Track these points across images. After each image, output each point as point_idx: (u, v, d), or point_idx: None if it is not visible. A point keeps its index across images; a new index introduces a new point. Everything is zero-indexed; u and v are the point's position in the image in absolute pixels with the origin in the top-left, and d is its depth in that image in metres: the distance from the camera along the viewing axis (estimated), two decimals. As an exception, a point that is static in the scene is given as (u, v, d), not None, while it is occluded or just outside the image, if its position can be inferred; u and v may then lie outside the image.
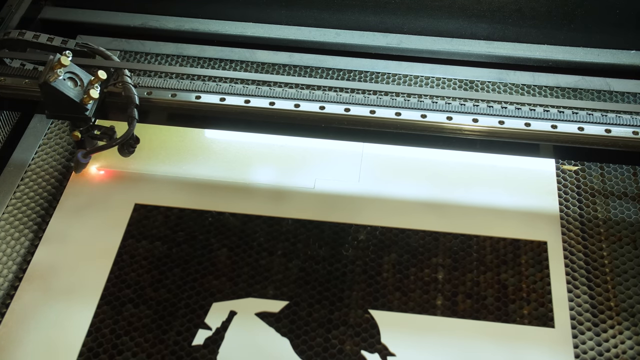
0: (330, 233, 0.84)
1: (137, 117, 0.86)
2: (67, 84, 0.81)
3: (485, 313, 0.77)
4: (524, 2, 1.06)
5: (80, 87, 0.83)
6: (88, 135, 0.86)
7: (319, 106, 0.87)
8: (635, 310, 0.77)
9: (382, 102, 0.87)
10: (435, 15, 1.06)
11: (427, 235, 0.84)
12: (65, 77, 0.81)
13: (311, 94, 0.89)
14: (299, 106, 0.87)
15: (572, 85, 1.01)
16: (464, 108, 0.87)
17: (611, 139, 0.84)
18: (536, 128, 0.85)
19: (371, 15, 1.07)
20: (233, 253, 0.82)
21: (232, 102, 0.87)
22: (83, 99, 0.82)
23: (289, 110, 0.87)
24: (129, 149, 0.88)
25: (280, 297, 0.79)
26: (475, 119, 0.87)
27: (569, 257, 0.82)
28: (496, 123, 0.86)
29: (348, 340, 0.75)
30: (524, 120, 0.86)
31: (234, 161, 0.92)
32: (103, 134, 0.86)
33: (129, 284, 0.80)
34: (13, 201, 0.88)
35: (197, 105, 0.87)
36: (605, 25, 1.04)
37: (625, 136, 0.85)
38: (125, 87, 0.87)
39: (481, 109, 0.87)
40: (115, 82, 0.87)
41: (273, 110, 0.86)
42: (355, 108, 0.86)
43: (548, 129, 0.85)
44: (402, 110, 0.86)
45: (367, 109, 0.86)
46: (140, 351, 0.74)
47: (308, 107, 0.87)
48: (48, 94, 0.81)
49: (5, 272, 0.81)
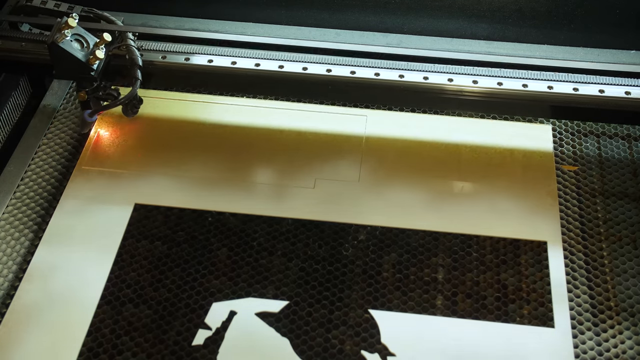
0: (330, 233, 0.84)
1: (140, 77, 0.91)
2: (74, 45, 0.87)
3: (485, 313, 0.77)
4: (524, 2, 1.06)
5: (87, 48, 0.88)
6: (94, 96, 0.91)
7: (326, 69, 0.94)
8: (635, 310, 0.77)
9: (385, 64, 0.95)
10: (435, 15, 1.06)
11: (427, 235, 0.84)
12: (72, 39, 0.87)
13: (319, 57, 0.96)
14: (306, 69, 0.94)
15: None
16: (464, 70, 0.94)
17: (604, 98, 0.91)
18: (533, 89, 0.92)
19: (371, 15, 1.07)
20: (233, 253, 0.82)
21: (243, 66, 0.95)
22: (89, 59, 0.87)
23: (297, 73, 0.94)
24: (133, 109, 0.95)
25: (280, 297, 0.79)
26: (475, 80, 0.93)
27: (569, 257, 0.82)
28: (495, 84, 0.93)
29: (348, 340, 0.75)
30: (521, 82, 0.93)
31: (234, 161, 0.92)
32: (108, 94, 0.92)
33: (129, 284, 0.80)
34: (13, 201, 0.88)
35: (210, 69, 0.95)
36: (605, 25, 1.04)
37: (618, 96, 0.91)
38: (129, 49, 0.92)
39: (480, 71, 0.95)
40: (120, 45, 0.93)
41: (282, 73, 0.94)
42: (361, 70, 0.94)
43: (544, 90, 0.92)
44: (405, 73, 0.93)
45: (372, 71, 0.94)
46: (140, 351, 0.74)
47: (316, 70, 0.94)
48: (56, 54, 0.86)
49: (6, 272, 0.81)
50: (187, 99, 1.00)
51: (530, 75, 0.94)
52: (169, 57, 0.95)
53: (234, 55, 0.96)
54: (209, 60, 0.95)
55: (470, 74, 0.94)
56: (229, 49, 0.96)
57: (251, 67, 0.94)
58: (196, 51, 0.97)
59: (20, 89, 1.05)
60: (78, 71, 0.88)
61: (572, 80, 0.93)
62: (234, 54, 0.96)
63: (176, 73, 0.96)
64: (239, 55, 0.96)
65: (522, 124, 0.97)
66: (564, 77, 0.93)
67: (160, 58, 0.95)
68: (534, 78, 0.93)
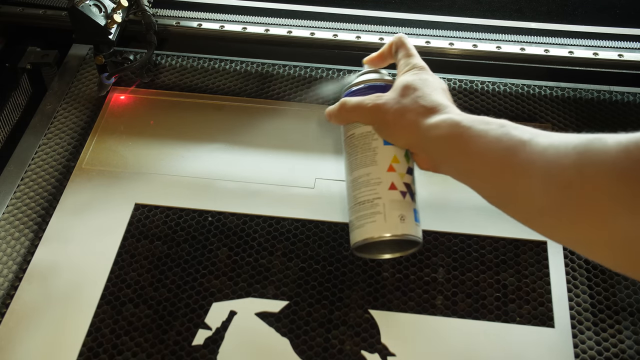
0: (330, 233, 0.84)
1: (155, 42, 0.98)
2: (93, 9, 0.92)
3: (485, 313, 0.77)
4: (524, 2, 1.06)
5: (104, 12, 0.94)
6: (110, 60, 0.97)
7: (333, 34, 1.04)
8: (635, 310, 0.77)
9: (389, 30, 1.04)
10: (435, 15, 1.06)
11: (427, 235, 0.84)
12: (91, 3, 0.92)
13: (326, 23, 1.06)
14: (314, 34, 1.04)
15: (572, 87, 1.01)
16: (464, 34, 1.03)
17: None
18: (530, 52, 1.01)
19: (371, 14, 1.08)
20: (233, 253, 0.82)
21: (253, 30, 1.05)
22: (107, 23, 0.93)
23: (305, 37, 1.03)
24: (148, 72, 1.01)
25: (280, 297, 0.79)
26: (474, 44, 1.02)
27: (569, 257, 0.82)
28: (494, 48, 1.02)
29: (348, 340, 0.75)
30: (519, 45, 1.02)
31: (235, 162, 0.92)
32: (124, 59, 0.98)
33: (129, 284, 0.80)
34: (13, 201, 0.88)
35: (221, 33, 1.05)
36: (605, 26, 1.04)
37: (612, 58, 1.00)
38: (144, 15, 0.99)
39: (480, 36, 1.03)
40: (135, 10, 1.00)
41: (290, 38, 1.04)
42: (365, 36, 1.04)
43: (541, 53, 1.00)
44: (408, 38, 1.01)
45: (377, 36, 1.04)
46: (140, 351, 0.74)
47: (322, 35, 1.04)
48: (75, 18, 0.91)
49: (6, 272, 0.81)
50: (188, 98, 1.00)
51: (528, 39, 1.03)
52: (182, 22, 1.06)
53: (245, 22, 1.06)
54: (220, 26, 1.05)
55: (470, 39, 1.03)
56: (239, 16, 1.07)
57: (261, 32, 1.05)
58: (209, 18, 1.07)
59: (20, 89, 1.05)
60: (97, 35, 0.93)
61: (568, 44, 1.02)
62: (245, 20, 1.06)
63: (189, 38, 1.06)
64: (249, 22, 1.06)
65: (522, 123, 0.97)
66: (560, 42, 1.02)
67: (174, 24, 1.05)
68: (530, 42, 1.03)
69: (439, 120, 0.63)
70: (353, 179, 0.71)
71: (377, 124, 0.69)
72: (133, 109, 0.99)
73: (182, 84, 1.02)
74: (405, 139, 0.67)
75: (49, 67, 1.05)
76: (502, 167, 0.58)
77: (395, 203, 0.67)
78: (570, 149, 0.53)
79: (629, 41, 1.02)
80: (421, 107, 0.65)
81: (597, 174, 0.50)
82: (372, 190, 0.68)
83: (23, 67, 1.04)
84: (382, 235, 0.67)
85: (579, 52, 1.00)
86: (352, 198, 0.70)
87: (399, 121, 0.66)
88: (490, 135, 0.59)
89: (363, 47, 1.03)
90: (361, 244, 0.68)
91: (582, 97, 0.99)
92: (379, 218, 0.67)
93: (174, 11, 1.08)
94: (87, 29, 0.93)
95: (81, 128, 0.97)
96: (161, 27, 1.03)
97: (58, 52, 1.06)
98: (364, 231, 0.68)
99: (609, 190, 0.49)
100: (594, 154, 0.51)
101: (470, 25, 1.04)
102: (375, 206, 0.68)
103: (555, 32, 1.03)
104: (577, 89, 1.00)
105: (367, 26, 1.05)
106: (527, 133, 0.58)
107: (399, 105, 0.66)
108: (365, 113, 0.69)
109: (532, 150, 0.56)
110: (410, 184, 0.70)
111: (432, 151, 0.66)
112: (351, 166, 0.71)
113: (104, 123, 0.97)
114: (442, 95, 0.67)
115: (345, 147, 0.73)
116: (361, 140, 0.70)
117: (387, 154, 0.69)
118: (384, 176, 0.69)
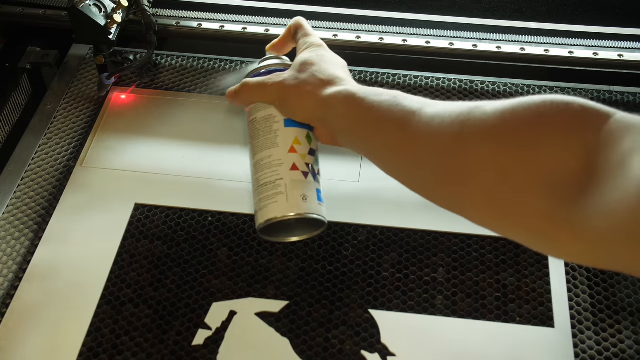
0: (330, 233, 0.84)
1: (155, 42, 0.98)
2: (93, 9, 0.92)
3: (485, 313, 0.77)
4: (524, 2, 1.06)
5: (105, 12, 0.94)
6: (110, 60, 0.97)
7: (333, 34, 1.05)
8: (635, 310, 0.77)
9: (389, 30, 1.05)
10: (435, 15, 1.06)
11: (427, 235, 0.84)
12: (91, 3, 0.92)
13: (325, 24, 1.06)
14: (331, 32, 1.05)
15: (572, 87, 1.01)
16: (464, 34, 1.04)
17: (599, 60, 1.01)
18: (530, 52, 1.01)
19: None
20: (233, 253, 0.82)
21: (253, 30, 1.05)
22: (107, 23, 0.93)
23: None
24: (148, 72, 1.01)
25: (280, 297, 0.79)
26: (474, 44, 1.02)
27: (568, 257, 0.82)
28: (494, 48, 1.02)
29: (348, 340, 0.75)
30: (519, 45, 1.02)
31: (235, 162, 0.92)
32: (124, 59, 0.98)
33: (129, 284, 0.80)
34: (13, 201, 0.88)
35: (221, 33, 1.06)
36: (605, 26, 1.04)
37: (612, 58, 1.00)
38: (144, 15, 0.99)
39: (480, 36, 1.04)
40: (135, 10, 1.00)
41: None
42: (365, 36, 1.05)
43: (541, 53, 1.01)
44: (409, 37, 1.03)
45: (377, 36, 1.04)
46: (140, 351, 0.74)
47: (322, 35, 0.99)
48: (75, 18, 0.91)
49: (6, 272, 0.81)
50: (188, 98, 1.00)
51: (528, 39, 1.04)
52: (182, 22, 1.06)
53: (245, 22, 1.06)
54: (220, 26, 1.05)
55: (470, 39, 1.03)
56: (239, 16, 1.07)
57: (261, 32, 1.04)
58: (208, 18, 1.08)
59: (20, 89, 1.05)
60: (97, 35, 0.93)
61: (568, 44, 1.02)
62: (245, 20, 1.06)
63: (189, 38, 1.07)
64: (249, 22, 1.06)
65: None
66: (560, 42, 1.02)
67: (174, 24, 1.06)
68: (531, 42, 1.03)
69: (335, 92, 0.66)
70: (256, 162, 0.72)
71: (278, 102, 0.71)
72: (133, 108, 0.99)
73: (182, 84, 1.02)
74: (304, 112, 0.70)
75: (49, 67, 1.05)
76: (394, 138, 0.60)
77: (297, 183, 0.69)
78: (454, 118, 0.55)
79: (629, 41, 1.02)
80: (318, 80, 0.67)
81: (477, 141, 0.53)
82: (274, 172, 0.69)
83: (23, 67, 1.05)
84: (286, 215, 0.68)
85: (579, 52, 1.00)
86: (255, 181, 0.72)
87: (298, 95, 0.68)
88: (383, 107, 0.61)
89: (363, 47, 1.03)
90: (264, 225, 0.69)
91: (582, 97, 0.99)
92: (281, 198, 0.68)
93: (174, 11, 1.08)
94: (87, 29, 0.93)
95: (81, 128, 0.97)
96: (161, 27, 1.03)
97: (58, 52, 1.06)
98: (266, 212, 0.69)
99: (486, 156, 0.52)
100: (474, 123, 0.53)
101: (470, 25, 1.05)
102: (277, 187, 0.69)
103: (555, 32, 1.03)
104: (577, 89, 1.00)
105: (367, 26, 1.05)
106: (417, 103, 0.60)
107: (298, 80, 0.69)
108: (266, 91, 0.71)
109: (421, 120, 0.58)
110: (312, 164, 0.71)
111: (330, 123, 0.68)
112: (254, 149, 0.73)
113: (104, 123, 0.97)
114: (339, 70, 0.69)
115: (249, 132, 0.75)
116: (263, 123, 0.72)
117: (289, 135, 0.71)
118: (285, 157, 0.70)
